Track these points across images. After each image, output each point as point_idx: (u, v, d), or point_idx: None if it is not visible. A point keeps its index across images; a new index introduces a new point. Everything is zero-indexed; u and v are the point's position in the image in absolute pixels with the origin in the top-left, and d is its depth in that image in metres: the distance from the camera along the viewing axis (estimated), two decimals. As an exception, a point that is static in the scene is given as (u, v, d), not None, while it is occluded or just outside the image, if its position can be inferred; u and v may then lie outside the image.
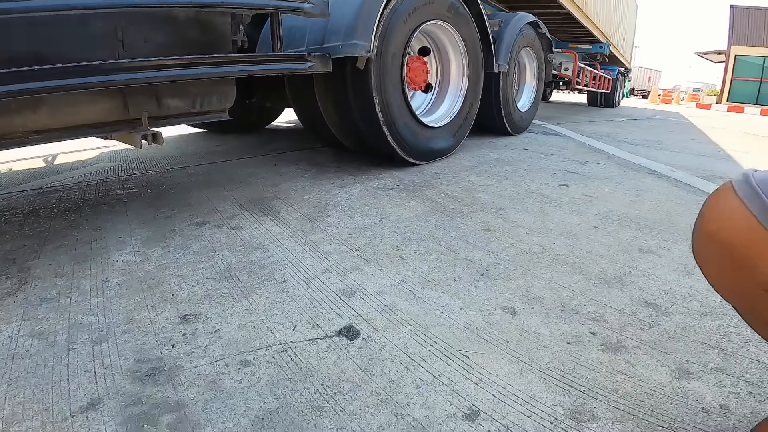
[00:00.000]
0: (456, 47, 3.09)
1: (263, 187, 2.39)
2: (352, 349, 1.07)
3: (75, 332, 1.11)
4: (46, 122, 1.53)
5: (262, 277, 1.42)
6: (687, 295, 1.35)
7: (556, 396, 0.90)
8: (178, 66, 1.58)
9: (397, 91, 2.58)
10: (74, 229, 1.79)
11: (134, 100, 1.68)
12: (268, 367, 1.00)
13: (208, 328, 1.14)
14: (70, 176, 2.66)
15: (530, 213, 2.06)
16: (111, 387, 0.92)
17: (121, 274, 1.42)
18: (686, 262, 1.58)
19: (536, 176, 2.80)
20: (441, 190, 2.39)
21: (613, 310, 1.25)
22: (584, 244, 1.72)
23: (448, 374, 0.98)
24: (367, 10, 2.26)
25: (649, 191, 2.54)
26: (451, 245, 1.68)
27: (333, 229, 1.82)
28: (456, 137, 3.22)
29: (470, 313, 1.22)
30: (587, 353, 1.05)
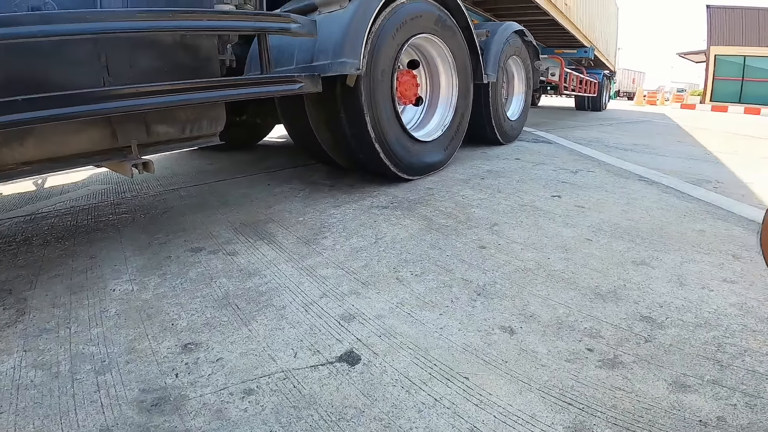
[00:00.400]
0: (445, 59, 3.15)
1: (257, 210, 2.41)
2: (353, 374, 1.10)
3: (77, 363, 1.13)
4: (34, 154, 1.54)
5: (261, 303, 1.44)
6: (681, 307, 1.39)
7: (556, 414, 0.94)
8: (166, 92, 1.60)
9: (388, 107, 2.62)
10: (68, 257, 1.81)
11: (123, 128, 1.70)
12: (272, 395, 1.02)
13: (210, 357, 1.16)
14: (61, 200, 2.67)
15: (524, 227, 2.11)
16: (119, 417, 0.94)
17: (119, 304, 1.43)
18: (678, 272, 1.63)
19: (529, 188, 2.85)
20: (435, 206, 2.43)
21: (609, 325, 1.28)
22: (578, 258, 1.76)
23: (449, 397, 1.01)
24: (355, 27, 2.29)
25: (639, 199, 2.59)
26: (447, 265, 1.71)
27: (329, 252, 1.84)
28: (448, 150, 3.27)
29: (468, 334, 1.26)
30: (585, 370, 1.08)
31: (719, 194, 2.75)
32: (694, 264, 1.70)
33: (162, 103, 1.61)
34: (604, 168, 3.53)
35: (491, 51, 3.76)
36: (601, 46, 9.93)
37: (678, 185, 2.97)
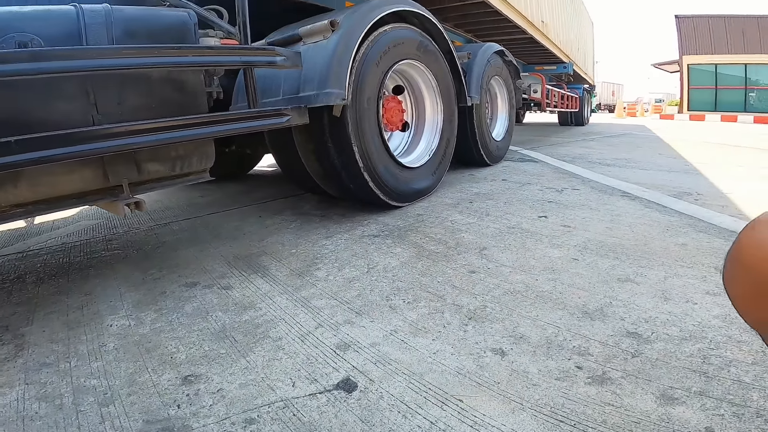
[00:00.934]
0: (428, 84, 3.25)
1: (250, 243, 2.46)
2: (351, 401, 1.14)
3: (80, 395, 1.16)
4: (26, 196, 1.58)
5: (257, 336, 1.48)
6: (666, 321, 1.45)
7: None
8: (156, 130, 1.64)
9: (375, 136, 2.70)
10: (63, 294, 1.84)
11: (114, 168, 1.75)
12: (272, 424, 1.06)
13: (211, 388, 1.19)
14: (52, 237, 2.69)
15: (512, 250, 2.17)
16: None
17: (117, 339, 1.46)
18: (663, 287, 1.70)
19: (516, 209, 2.93)
20: (425, 233, 2.49)
21: (597, 342, 1.34)
22: (565, 278, 1.83)
23: (444, 419, 1.05)
24: (339, 57, 2.37)
25: (623, 215, 2.69)
26: (439, 291, 1.76)
27: (322, 283, 1.89)
28: (436, 175, 3.35)
29: (461, 358, 1.30)
30: (575, 388, 1.13)
31: (700, 206, 2.86)
32: (677, 278, 1.77)
33: (152, 141, 1.65)
34: (588, 185, 3.64)
35: (473, 73, 3.89)
36: (579, 61, 10.24)
37: (660, 199, 3.07)
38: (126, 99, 1.79)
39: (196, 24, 1.98)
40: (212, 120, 1.87)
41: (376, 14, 2.63)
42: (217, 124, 1.88)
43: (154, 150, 1.89)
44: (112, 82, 1.75)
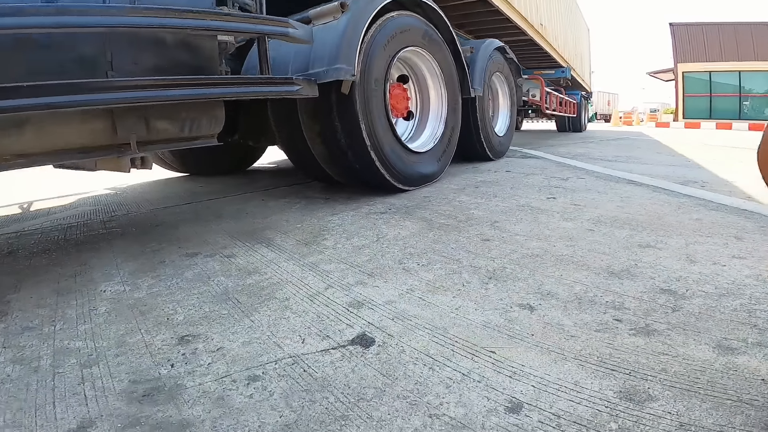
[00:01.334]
0: (433, 73, 3.14)
1: (253, 220, 2.30)
2: (368, 356, 0.98)
3: (61, 357, 0.99)
4: (31, 144, 1.44)
5: (263, 297, 1.32)
6: (699, 280, 1.31)
7: (602, 381, 0.83)
8: (168, 86, 1.53)
9: (382, 116, 2.57)
10: (56, 266, 1.67)
11: (123, 123, 1.61)
12: (280, 380, 0.90)
13: (210, 347, 1.03)
14: (48, 220, 2.52)
15: (524, 223, 2.03)
16: (104, 409, 0.81)
17: (110, 303, 1.30)
18: (686, 252, 1.55)
19: (523, 192, 2.79)
20: (434, 210, 2.34)
21: (631, 298, 1.19)
22: (584, 244, 1.68)
23: (478, 371, 0.90)
24: (349, 36, 2.28)
25: (632, 197, 2.55)
26: (454, 255, 1.61)
27: (330, 251, 1.73)
28: (441, 162, 3.22)
29: (486, 313, 1.15)
30: (619, 338, 0.98)
31: (707, 191, 2.72)
32: (699, 245, 1.63)
33: (163, 96, 1.54)
34: (592, 175, 3.50)
35: (477, 65, 3.78)
36: (576, 66, 10.09)
37: (666, 186, 2.94)
38: (141, 60, 1.69)
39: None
40: (224, 81, 1.77)
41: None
42: (229, 86, 1.77)
43: (165, 109, 1.77)
44: (128, 42, 1.66)
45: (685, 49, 21.54)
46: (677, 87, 22.18)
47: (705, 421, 0.71)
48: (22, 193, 3.49)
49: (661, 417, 0.72)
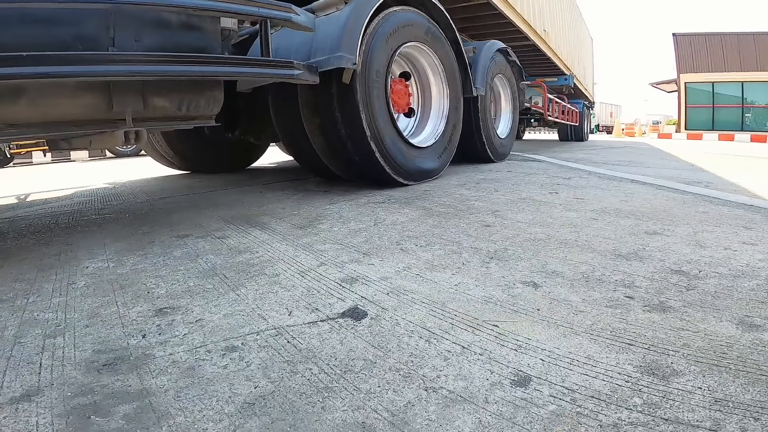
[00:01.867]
0: (435, 70, 3.06)
1: (249, 208, 2.20)
2: (359, 328, 0.88)
3: (26, 328, 0.90)
4: (24, 114, 1.37)
5: (251, 273, 1.22)
6: (710, 263, 1.21)
7: (618, 355, 0.73)
8: (167, 61, 1.45)
9: (383, 108, 2.49)
10: (42, 245, 1.58)
11: (120, 99, 1.53)
12: (260, 351, 0.80)
13: (188, 319, 0.93)
14: (43, 209, 2.43)
15: (526, 212, 1.92)
16: (57, 378, 0.71)
17: (90, 278, 1.20)
18: (695, 239, 1.45)
19: (525, 188, 2.69)
20: (433, 201, 2.24)
21: (641, 278, 1.09)
22: (588, 230, 1.58)
23: (479, 343, 0.79)
24: (351, 26, 2.21)
25: (636, 193, 2.44)
26: (453, 238, 1.51)
27: (326, 233, 1.64)
28: (442, 159, 3.12)
29: (488, 289, 1.05)
30: (633, 314, 0.88)
31: (712, 189, 2.62)
32: (707, 233, 1.53)
33: (161, 72, 1.47)
34: (595, 175, 3.40)
35: (479, 65, 3.70)
36: (579, 74, 9.86)
37: (670, 185, 2.83)
38: (143, 38, 1.63)
39: None
40: (224, 60, 1.69)
41: (388, -8, 2.48)
42: (230, 65, 1.70)
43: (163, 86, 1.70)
44: (131, 21, 1.60)
45: (688, 59, 20.95)
46: (680, 98, 21.55)
47: (742, 397, 0.61)
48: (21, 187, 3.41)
49: (691, 392, 0.62)
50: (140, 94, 1.58)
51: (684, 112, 21.24)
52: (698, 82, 20.84)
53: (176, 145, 3.85)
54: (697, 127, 19.88)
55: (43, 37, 1.40)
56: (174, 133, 3.78)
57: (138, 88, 1.58)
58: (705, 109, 20.82)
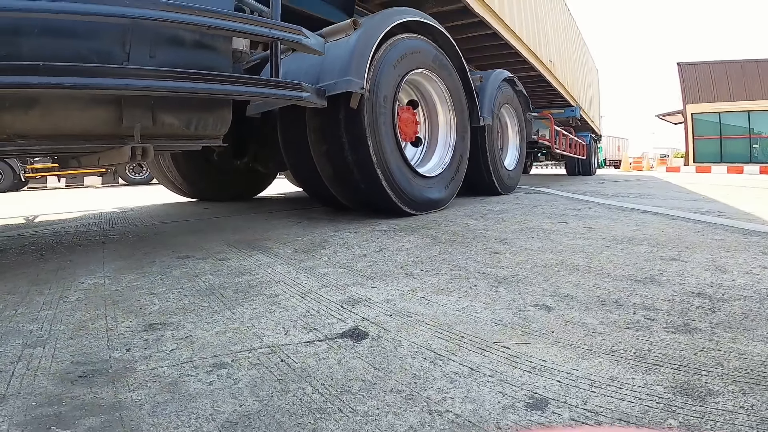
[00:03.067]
0: (443, 99, 3.07)
1: (254, 233, 2.17)
2: (359, 348, 0.81)
3: (7, 338, 0.85)
4: (34, 124, 1.36)
5: (250, 294, 1.16)
6: (733, 285, 1.13)
7: (645, 376, 0.66)
8: (179, 77, 1.46)
9: (390, 135, 2.48)
10: (42, 262, 1.54)
11: (130, 113, 1.53)
12: (250, 369, 0.73)
13: (178, 335, 0.87)
14: (48, 229, 2.42)
15: (536, 240, 1.86)
16: (26, 387, 0.65)
17: (84, 293, 1.16)
18: (714, 264, 1.38)
19: (533, 218, 2.63)
20: (440, 229, 2.19)
21: (661, 301, 1.01)
22: (601, 257, 1.51)
23: (489, 365, 0.72)
24: (359, 51, 2.24)
25: (648, 223, 2.37)
26: (460, 264, 1.45)
27: (329, 257, 1.58)
28: (449, 189, 3.08)
29: (497, 311, 0.98)
30: (656, 335, 0.80)
31: (726, 219, 2.54)
32: (727, 259, 1.46)
33: (172, 87, 1.47)
34: (605, 207, 3.34)
35: (486, 94, 3.71)
36: (585, 106, 9.76)
37: (683, 214, 2.76)
38: (157, 55, 1.64)
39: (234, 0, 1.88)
40: (235, 79, 1.68)
41: (396, 20, 2.54)
42: (240, 84, 1.69)
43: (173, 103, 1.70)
44: (147, 37, 1.62)
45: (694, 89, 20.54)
46: (687, 130, 21.09)
47: (788, 421, 0.53)
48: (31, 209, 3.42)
49: (733, 412, 0.54)
50: (150, 110, 1.58)
51: (692, 145, 20.79)
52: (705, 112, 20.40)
53: (185, 172, 3.87)
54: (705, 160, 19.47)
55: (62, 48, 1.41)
56: (183, 159, 3.82)
57: (148, 104, 1.58)
58: (712, 140, 20.39)
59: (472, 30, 4.31)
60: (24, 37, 1.31)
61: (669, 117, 24.85)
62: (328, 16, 3.07)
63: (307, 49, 1.92)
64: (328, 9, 3.11)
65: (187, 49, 1.69)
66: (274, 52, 1.83)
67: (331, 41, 2.40)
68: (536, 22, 5.74)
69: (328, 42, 2.40)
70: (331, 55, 2.24)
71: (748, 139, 19.74)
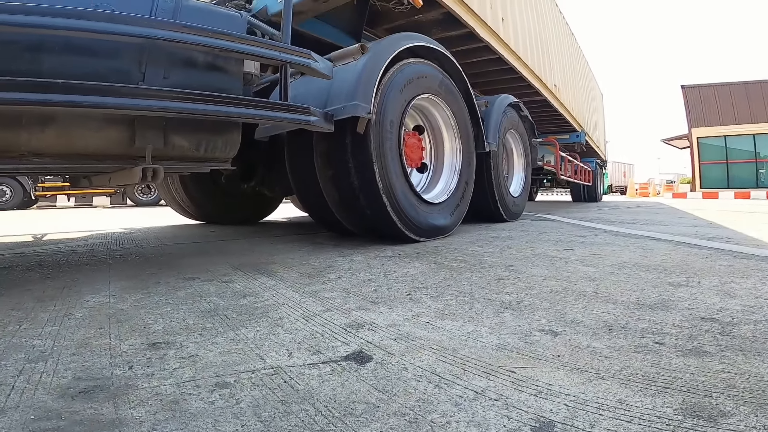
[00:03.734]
0: (448, 124, 3.10)
1: (259, 256, 2.17)
2: (363, 371, 0.81)
3: (10, 352, 0.85)
4: (50, 142, 1.40)
5: (254, 315, 1.16)
6: (743, 310, 1.12)
7: (654, 398, 0.65)
8: (194, 99, 1.49)
9: (396, 160, 2.49)
10: (48, 279, 1.56)
11: (142, 134, 1.57)
12: (253, 389, 0.73)
13: (182, 354, 0.87)
14: (56, 247, 2.44)
15: (541, 267, 1.85)
16: (26, 401, 0.65)
17: (89, 311, 1.16)
18: (723, 289, 1.37)
19: (539, 245, 2.62)
20: (445, 256, 2.18)
21: (669, 325, 1.00)
22: (608, 283, 1.50)
23: (494, 389, 0.72)
24: (367, 76, 2.27)
25: (655, 249, 2.36)
26: (465, 290, 1.44)
27: (334, 282, 1.58)
28: (454, 216, 3.07)
29: (503, 336, 0.97)
30: (665, 359, 0.79)
31: (734, 245, 2.52)
32: (735, 284, 1.45)
33: (187, 109, 1.50)
34: (611, 233, 3.32)
35: (491, 119, 3.73)
36: (590, 131, 9.70)
37: (691, 241, 2.74)
38: (171, 76, 1.69)
39: (246, 24, 1.96)
40: (246, 102, 1.72)
41: (403, 44, 2.58)
42: (250, 107, 1.72)
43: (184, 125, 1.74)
44: (162, 57, 1.67)
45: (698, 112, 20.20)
46: (692, 154, 20.72)
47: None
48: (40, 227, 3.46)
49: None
50: (162, 131, 1.62)
51: (698, 170, 20.45)
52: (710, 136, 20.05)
53: (192, 194, 3.92)
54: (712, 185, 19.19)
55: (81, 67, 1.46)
56: (191, 182, 3.87)
57: (160, 125, 1.62)
58: (719, 165, 20.06)
59: (477, 55, 4.37)
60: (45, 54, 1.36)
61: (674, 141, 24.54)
62: (336, 40, 3.15)
63: (316, 73, 1.97)
64: (337, 33, 3.18)
65: (199, 71, 1.74)
66: (283, 76, 1.88)
67: (339, 65, 2.45)
68: (541, 46, 5.80)
69: (336, 66, 2.45)
70: (339, 79, 2.28)
71: (754, 164, 19.47)
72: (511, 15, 4.65)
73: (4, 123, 1.31)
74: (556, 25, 7.08)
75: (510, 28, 4.58)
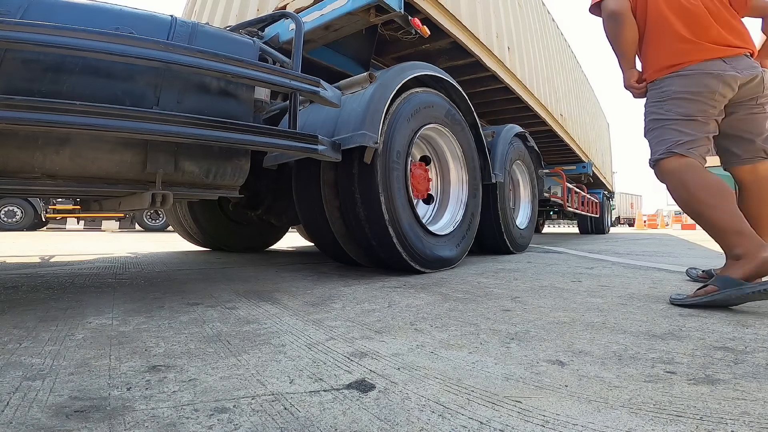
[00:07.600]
0: (455, 154, 3.12)
1: (263, 284, 2.17)
2: (366, 400, 0.79)
3: (8, 369, 0.85)
4: (64, 164, 1.42)
5: (257, 342, 1.15)
6: (756, 339, 1.11)
7: (666, 426, 0.63)
8: (206, 125, 1.53)
9: (402, 191, 2.50)
10: (52, 300, 1.56)
11: (154, 159, 1.60)
12: (252, 415, 0.71)
13: (181, 378, 0.86)
14: (63, 269, 2.45)
15: (549, 298, 1.83)
16: (18, 417, 0.65)
17: (91, 332, 1.16)
18: (736, 319, 1.35)
19: (546, 277, 2.59)
20: (450, 287, 2.16)
21: (681, 354, 0.98)
22: (616, 314, 1.47)
23: (500, 419, 0.70)
24: (374, 105, 2.30)
25: (664, 281, 2.32)
26: (471, 321, 1.42)
27: (338, 311, 1.57)
28: (460, 247, 3.05)
29: (508, 367, 0.95)
30: (677, 388, 0.78)
31: (748, 283, 2.47)
32: (749, 315, 1.43)
33: (200, 135, 1.54)
34: (619, 265, 3.28)
35: (498, 150, 3.74)
36: (597, 161, 9.62)
37: (700, 275, 2.69)
38: (184, 101, 1.75)
39: (258, 51, 2.03)
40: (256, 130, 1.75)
41: (410, 74, 2.63)
42: (260, 135, 1.76)
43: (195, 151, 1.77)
44: (176, 81, 1.73)
45: None
46: None
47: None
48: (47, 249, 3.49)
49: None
50: (173, 157, 1.65)
51: None
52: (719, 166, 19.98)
53: (200, 221, 3.95)
54: None
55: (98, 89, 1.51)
56: (198, 208, 3.91)
57: (172, 150, 1.65)
58: None
59: (483, 84, 4.42)
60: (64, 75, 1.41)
61: (681, 169, 24.38)
62: (345, 68, 3.21)
63: (325, 101, 2.00)
64: (346, 61, 3.24)
65: (212, 97, 1.79)
66: (293, 103, 1.92)
67: (348, 94, 2.50)
68: (547, 76, 5.83)
69: (345, 94, 2.50)
70: (347, 108, 2.32)
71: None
72: (516, 44, 4.72)
73: (20, 144, 1.35)
74: (562, 54, 7.14)
75: (516, 57, 4.63)
